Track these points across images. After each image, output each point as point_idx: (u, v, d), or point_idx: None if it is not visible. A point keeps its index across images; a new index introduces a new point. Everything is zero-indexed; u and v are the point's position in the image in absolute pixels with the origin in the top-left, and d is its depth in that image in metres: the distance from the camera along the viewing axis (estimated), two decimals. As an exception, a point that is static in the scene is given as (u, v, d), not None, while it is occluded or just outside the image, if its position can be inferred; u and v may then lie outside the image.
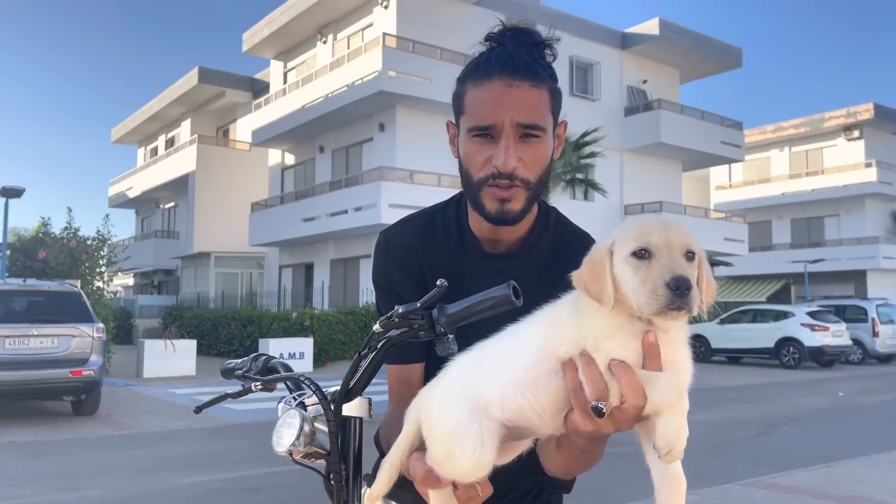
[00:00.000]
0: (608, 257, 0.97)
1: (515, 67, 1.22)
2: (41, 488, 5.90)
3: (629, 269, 0.94)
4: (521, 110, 1.21)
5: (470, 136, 1.25)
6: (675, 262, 0.92)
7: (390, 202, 19.23)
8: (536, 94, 1.23)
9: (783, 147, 36.60)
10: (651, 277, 0.91)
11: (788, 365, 18.75)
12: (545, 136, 1.24)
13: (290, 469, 5.65)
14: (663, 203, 24.40)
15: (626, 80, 26.05)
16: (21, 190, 15.55)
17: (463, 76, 1.29)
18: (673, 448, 0.89)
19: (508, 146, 1.21)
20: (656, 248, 0.94)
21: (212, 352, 20.49)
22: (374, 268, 1.41)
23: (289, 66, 26.53)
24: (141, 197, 35.59)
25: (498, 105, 1.21)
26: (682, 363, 0.96)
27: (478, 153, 1.24)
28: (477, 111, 1.24)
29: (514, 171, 1.21)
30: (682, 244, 0.95)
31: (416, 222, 1.40)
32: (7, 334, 8.95)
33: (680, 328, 0.97)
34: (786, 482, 5.98)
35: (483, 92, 1.23)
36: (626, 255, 0.95)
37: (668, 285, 0.89)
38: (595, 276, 0.97)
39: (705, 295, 0.96)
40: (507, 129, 1.21)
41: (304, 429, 1.08)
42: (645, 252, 0.94)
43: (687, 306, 0.90)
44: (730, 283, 36.01)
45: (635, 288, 0.93)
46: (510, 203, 1.23)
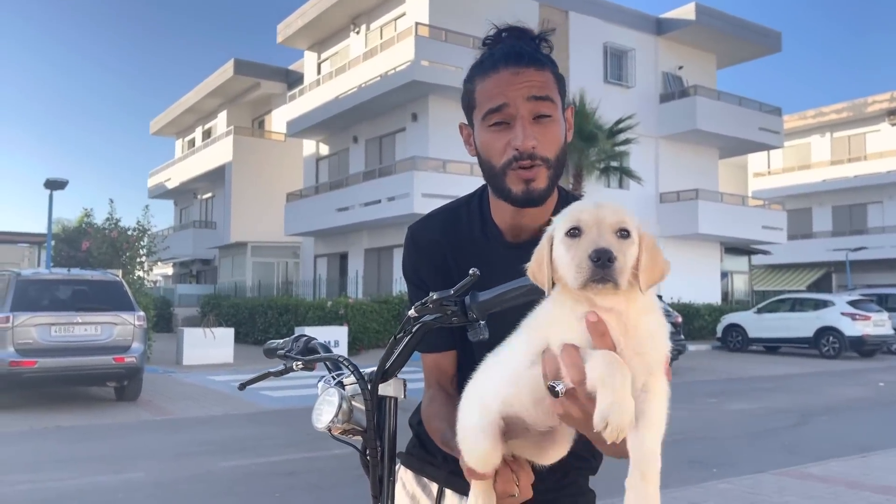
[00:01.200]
0: (548, 243, 1.00)
1: (519, 56, 1.27)
2: (86, 470, 6.11)
3: (563, 248, 0.96)
4: (532, 87, 1.25)
5: (485, 125, 1.29)
6: (601, 238, 0.94)
7: (423, 192, 19.29)
8: (542, 75, 1.27)
9: (824, 132, 35.78)
10: (578, 253, 0.94)
11: (828, 355, 18.41)
12: (556, 114, 1.28)
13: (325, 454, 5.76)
14: (699, 191, 24.06)
15: (661, 67, 25.68)
16: (64, 182, 15.95)
17: (469, 76, 1.34)
18: (609, 424, 0.89)
19: (525, 126, 1.25)
20: (586, 225, 0.96)
21: (249, 340, 20.83)
22: (403, 263, 1.47)
23: (322, 56, 26.70)
24: (179, 188, 36.19)
25: (508, 86, 1.26)
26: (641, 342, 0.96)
27: (496, 140, 1.28)
28: (488, 98, 1.28)
29: (534, 150, 1.25)
30: (613, 221, 0.96)
31: (440, 217, 1.45)
32: (53, 322, 9.24)
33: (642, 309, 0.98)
34: (820, 472, 5.92)
35: (491, 81, 1.28)
36: (561, 236, 0.98)
37: (590, 257, 0.91)
38: (538, 263, 1.01)
39: (647, 272, 0.96)
40: (521, 109, 1.25)
41: (342, 406, 1.15)
42: (576, 230, 0.96)
43: (611, 278, 0.92)
44: (768, 272, 35.42)
45: (567, 265, 0.95)
46: (535, 182, 1.27)
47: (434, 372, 1.38)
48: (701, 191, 24.15)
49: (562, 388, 0.95)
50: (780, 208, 27.25)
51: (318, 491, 5.42)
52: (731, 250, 27.48)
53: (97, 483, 5.69)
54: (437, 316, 1.11)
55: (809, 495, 5.16)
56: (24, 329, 8.99)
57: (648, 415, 0.94)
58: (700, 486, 5.42)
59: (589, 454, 1.38)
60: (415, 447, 1.46)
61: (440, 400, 1.32)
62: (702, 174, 25.95)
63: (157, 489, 5.52)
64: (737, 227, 24.76)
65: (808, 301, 20.08)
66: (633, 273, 0.95)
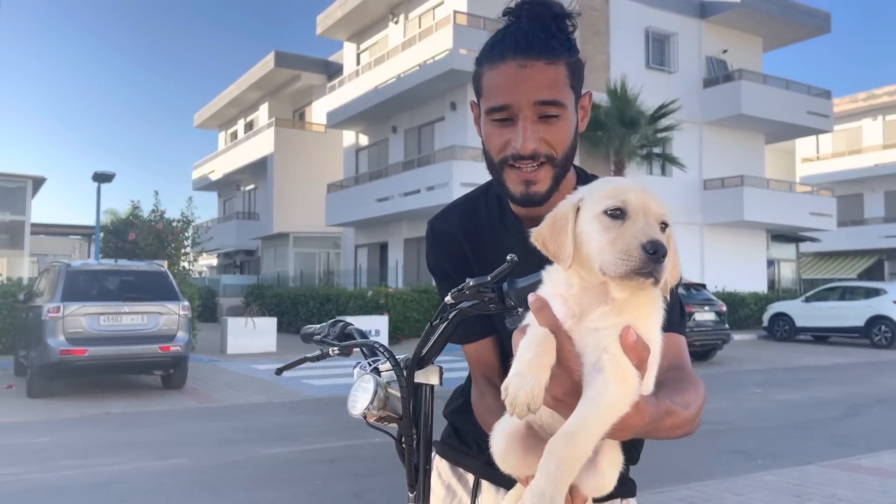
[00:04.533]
0: (573, 213, 0.93)
1: (529, 47, 1.19)
2: (134, 456, 6.26)
3: (598, 227, 0.90)
4: (538, 89, 1.19)
5: (488, 118, 1.25)
6: (652, 228, 0.87)
7: (462, 181, 19.24)
8: (552, 71, 1.20)
9: (876, 116, 34.64)
10: (625, 237, 0.87)
11: (880, 344, 17.88)
12: (566, 113, 1.22)
13: (365, 441, 5.80)
14: (745, 177, 23.54)
15: (704, 51, 25.13)
16: (111, 175, 16.34)
17: (480, 57, 1.28)
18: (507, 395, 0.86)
19: (526, 128, 1.20)
20: (633, 209, 0.89)
21: (291, 329, 21.10)
22: (427, 256, 1.45)
23: (361, 47, 26.78)
24: (222, 180, 36.76)
25: (513, 86, 1.20)
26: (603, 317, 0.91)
27: (497, 135, 1.24)
28: (493, 93, 1.23)
29: (536, 151, 1.20)
30: (658, 213, 0.90)
31: (458, 209, 1.42)
32: (102, 311, 9.47)
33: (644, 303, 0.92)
34: (870, 464, 5.76)
35: (497, 74, 1.22)
36: (597, 213, 0.91)
37: (645, 247, 0.85)
38: (555, 233, 0.93)
39: (671, 275, 0.90)
40: (525, 110, 1.20)
41: (377, 393, 1.13)
42: (619, 212, 0.89)
43: (657, 274, 0.86)
44: (816, 260, 34.54)
45: (602, 247, 0.88)
46: (535, 185, 1.23)
47: (479, 366, 1.34)
48: (746, 177, 23.63)
49: None
50: (829, 194, 26.52)
51: (357, 478, 5.46)
52: (778, 237, 26.85)
53: (144, 468, 5.82)
54: (474, 303, 1.08)
55: (859, 488, 5.02)
56: (75, 318, 9.24)
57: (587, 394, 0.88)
58: (746, 476, 5.31)
59: (629, 444, 1.34)
60: (450, 437, 1.44)
61: (491, 394, 1.27)
62: (747, 160, 25.38)
63: (201, 475, 5.63)
64: (783, 214, 24.17)
65: (858, 289, 19.52)
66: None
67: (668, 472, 5.31)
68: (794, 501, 4.72)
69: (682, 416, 1.03)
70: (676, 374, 1.11)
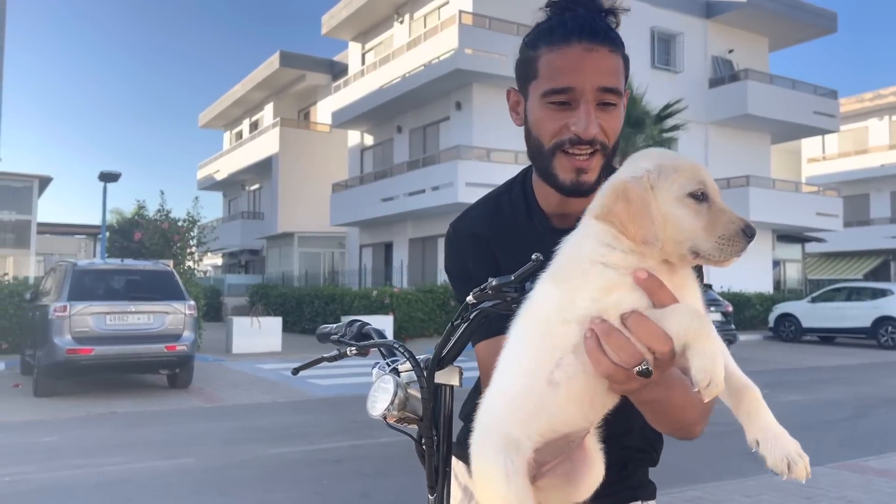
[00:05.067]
0: (648, 189, 0.90)
1: (595, 32, 1.19)
2: (140, 455, 6.26)
3: (687, 210, 0.88)
4: (602, 74, 1.18)
5: (544, 101, 1.21)
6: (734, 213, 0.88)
7: (467, 181, 19.24)
8: (614, 60, 1.20)
9: (882, 116, 34.51)
10: (723, 223, 0.87)
11: (886, 345, 17.82)
12: (620, 104, 1.22)
13: (372, 442, 5.79)
14: (751, 177, 23.47)
15: (710, 51, 25.08)
16: (117, 175, 16.36)
17: (534, 41, 1.24)
18: (712, 378, 0.81)
19: (590, 111, 1.17)
20: (711, 190, 0.89)
21: (296, 329, 21.11)
22: (447, 258, 1.41)
23: (367, 47, 26.79)
24: (227, 179, 36.81)
25: (578, 69, 1.18)
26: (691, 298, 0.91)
27: (552, 120, 1.20)
28: (554, 75, 1.19)
29: (595, 137, 1.19)
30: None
31: (482, 209, 1.39)
32: (108, 311, 9.48)
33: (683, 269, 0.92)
34: (880, 465, 5.72)
35: (561, 56, 1.19)
36: (681, 195, 0.89)
37: (745, 232, 0.86)
38: (637, 214, 0.88)
39: None
40: (588, 94, 1.17)
41: (398, 394, 1.11)
42: (703, 195, 0.89)
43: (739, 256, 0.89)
44: (822, 260, 34.44)
45: (695, 232, 0.87)
46: (586, 174, 1.20)
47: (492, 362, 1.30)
48: (752, 177, 23.56)
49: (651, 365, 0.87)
50: (835, 194, 26.43)
51: (364, 478, 5.45)
52: (784, 238, 26.77)
53: (150, 468, 5.82)
54: (496, 302, 1.04)
55: (869, 489, 4.99)
56: (81, 318, 9.25)
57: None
58: (754, 478, 5.28)
59: (649, 446, 1.32)
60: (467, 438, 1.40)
61: None
62: (753, 160, 25.32)
63: (208, 474, 5.63)
64: (789, 214, 24.10)
65: (865, 290, 19.45)
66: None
67: (676, 473, 5.29)
68: (804, 503, 4.69)
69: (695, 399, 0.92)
70: None
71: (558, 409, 0.94)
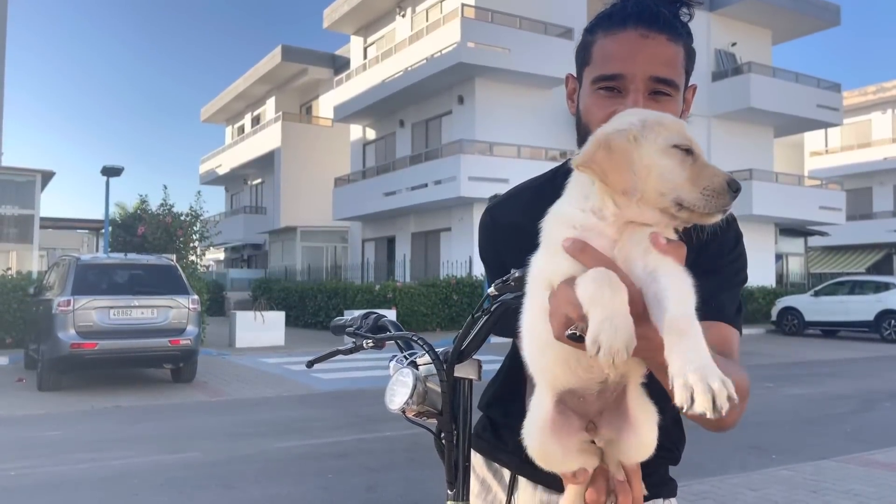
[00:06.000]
0: (631, 140, 0.87)
1: (653, 18, 1.14)
2: (145, 449, 6.26)
3: (672, 161, 0.86)
4: (656, 63, 1.13)
5: (594, 88, 1.18)
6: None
7: (470, 175, 19.20)
8: (672, 48, 1.15)
9: (886, 109, 34.41)
10: (707, 175, 0.85)
11: (890, 339, 17.79)
12: (677, 95, 1.16)
13: (376, 436, 5.78)
14: (753, 171, 23.39)
15: (713, 44, 24.98)
16: (120, 169, 16.33)
17: (592, 26, 1.21)
18: (601, 345, 0.78)
19: (638, 101, 1.12)
20: (697, 148, 0.87)
21: (299, 323, 21.12)
22: (482, 246, 1.37)
23: (369, 41, 26.72)
24: (230, 174, 36.78)
25: (630, 56, 1.13)
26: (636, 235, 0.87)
27: (601, 107, 1.15)
28: (605, 61, 1.16)
29: None
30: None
31: (523, 197, 1.34)
32: (112, 305, 9.48)
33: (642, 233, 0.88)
34: (886, 459, 5.71)
35: (614, 42, 1.15)
36: (666, 147, 0.86)
37: (730, 185, 0.84)
38: (617, 163, 0.86)
39: None
40: (639, 82, 1.13)
41: (417, 388, 1.09)
42: (688, 149, 0.87)
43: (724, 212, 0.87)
44: (825, 254, 34.38)
45: (680, 183, 0.85)
46: None
47: None
48: (755, 171, 23.49)
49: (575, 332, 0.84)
50: (838, 188, 26.37)
51: (369, 472, 5.44)
52: (787, 231, 26.72)
53: (156, 462, 5.82)
54: (518, 294, 1.01)
55: (875, 483, 4.98)
56: (85, 312, 9.25)
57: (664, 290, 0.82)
58: (761, 472, 5.28)
59: (670, 443, 1.30)
60: (485, 430, 1.37)
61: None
62: (756, 154, 25.24)
63: (213, 468, 5.63)
64: (792, 208, 24.05)
65: (868, 283, 19.43)
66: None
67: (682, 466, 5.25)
68: (811, 496, 4.68)
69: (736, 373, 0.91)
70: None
71: (549, 368, 0.96)
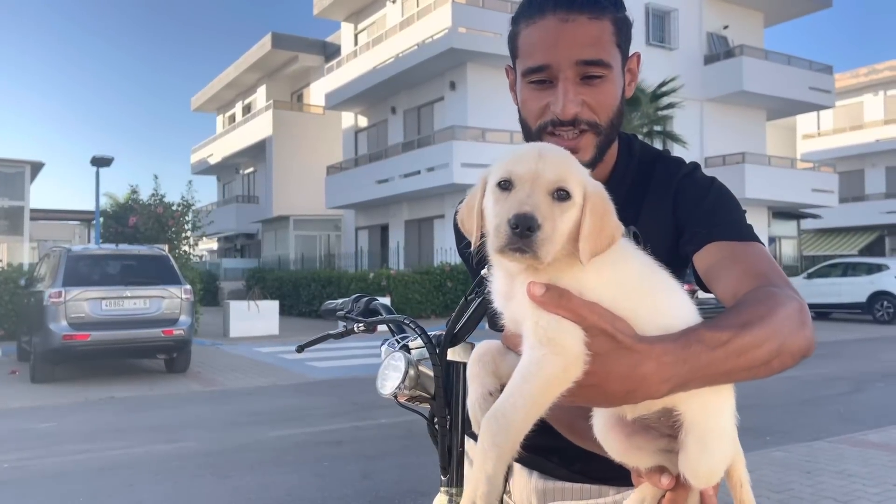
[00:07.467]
0: (482, 188, 0.86)
1: (571, 0, 1.09)
2: (140, 440, 6.25)
3: (492, 200, 0.83)
4: (580, 46, 1.09)
5: (525, 81, 1.14)
6: (530, 198, 0.79)
7: (462, 161, 19.15)
8: (597, 26, 1.10)
9: (877, 91, 34.43)
10: (501, 212, 0.80)
11: (882, 320, 17.90)
12: (611, 74, 1.12)
13: (371, 423, 5.77)
14: (746, 154, 23.43)
15: (705, 27, 24.91)
16: (110, 159, 16.23)
17: (516, 15, 1.18)
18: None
19: (567, 90, 1.09)
20: (519, 179, 0.81)
21: (293, 312, 21.10)
22: (457, 240, 1.36)
23: (359, 27, 26.54)
24: (221, 163, 36.61)
25: (552, 43, 1.09)
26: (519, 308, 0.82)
27: (534, 100, 1.13)
28: (530, 52, 1.12)
29: (577, 116, 1.11)
30: (552, 179, 0.80)
31: None
32: (104, 296, 9.44)
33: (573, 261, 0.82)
34: (879, 439, 5.74)
35: (535, 31, 1.12)
36: (493, 186, 0.84)
37: (509, 222, 0.77)
38: (468, 209, 0.88)
39: (589, 241, 0.80)
40: (565, 70, 1.09)
41: (409, 372, 1.07)
42: (508, 183, 0.82)
43: (529, 249, 0.77)
44: (818, 236, 34.50)
45: (490, 222, 0.82)
46: (578, 154, 1.10)
47: None
48: (748, 154, 23.52)
49: None
50: (830, 170, 26.42)
51: (365, 460, 5.44)
52: (780, 215, 26.79)
53: (150, 452, 5.81)
54: None
55: (869, 463, 5.01)
56: (77, 303, 9.20)
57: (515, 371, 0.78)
58: (754, 453, 5.30)
59: None
60: None
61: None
62: (748, 137, 25.25)
63: (209, 458, 5.62)
64: (785, 191, 24.09)
65: (860, 265, 19.51)
66: (573, 240, 0.80)
67: (677, 449, 5.29)
68: (805, 477, 4.70)
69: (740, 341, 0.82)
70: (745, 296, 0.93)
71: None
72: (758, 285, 0.96)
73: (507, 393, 0.77)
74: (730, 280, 1.01)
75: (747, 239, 1.08)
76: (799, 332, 0.88)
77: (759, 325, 0.84)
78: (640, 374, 0.75)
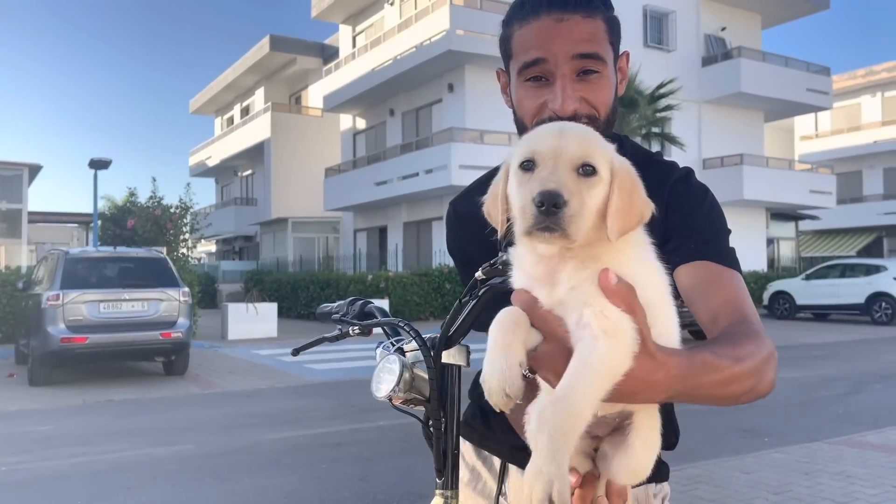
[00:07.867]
0: (505, 175, 0.85)
1: (564, 1, 1.12)
2: (139, 443, 6.24)
3: (515, 183, 0.81)
4: (575, 41, 1.11)
5: (521, 80, 1.15)
6: (554, 175, 0.77)
7: (461, 163, 19.15)
8: (590, 24, 1.12)
9: (875, 92, 34.48)
10: (525, 192, 0.78)
11: (880, 321, 17.91)
12: (605, 70, 1.14)
13: (370, 425, 5.76)
14: (744, 156, 23.46)
15: (703, 29, 24.95)
16: (108, 161, 16.22)
17: (508, 18, 1.19)
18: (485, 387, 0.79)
19: (565, 86, 1.11)
20: (541, 157, 0.79)
21: (292, 314, 21.08)
22: (448, 238, 1.36)
23: (357, 29, 26.56)
24: (220, 165, 36.59)
25: (548, 40, 1.11)
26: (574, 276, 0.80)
27: (531, 98, 1.14)
28: (525, 49, 1.14)
29: (577, 112, 1.12)
30: (576, 155, 0.78)
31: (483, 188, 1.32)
32: (102, 299, 9.42)
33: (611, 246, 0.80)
34: (877, 440, 5.75)
35: (530, 31, 1.13)
36: (515, 169, 0.82)
37: (534, 201, 0.75)
38: (493, 199, 0.86)
39: (619, 217, 0.79)
40: (562, 65, 1.11)
41: (403, 375, 1.07)
42: (530, 163, 0.80)
43: (557, 227, 0.75)
44: (816, 238, 34.54)
45: (515, 205, 0.80)
46: None
47: None
48: (745, 156, 23.55)
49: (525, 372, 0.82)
50: (828, 172, 26.45)
51: (363, 462, 5.43)
52: (778, 216, 26.81)
53: (148, 455, 5.80)
54: (506, 278, 0.97)
55: (867, 464, 5.01)
56: (75, 306, 9.19)
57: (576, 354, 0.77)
58: (753, 455, 5.30)
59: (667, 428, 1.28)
60: (475, 418, 1.35)
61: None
62: (746, 138, 25.29)
63: (207, 460, 5.61)
64: (783, 192, 24.13)
65: (859, 266, 19.53)
66: (602, 218, 0.79)
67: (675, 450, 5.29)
68: (803, 478, 4.70)
69: (732, 371, 0.86)
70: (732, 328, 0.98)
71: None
72: (739, 319, 1.01)
73: (571, 380, 0.75)
74: (711, 305, 1.06)
75: (733, 266, 1.13)
76: (770, 375, 0.95)
77: (749, 362, 0.90)
78: (651, 381, 0.78)
